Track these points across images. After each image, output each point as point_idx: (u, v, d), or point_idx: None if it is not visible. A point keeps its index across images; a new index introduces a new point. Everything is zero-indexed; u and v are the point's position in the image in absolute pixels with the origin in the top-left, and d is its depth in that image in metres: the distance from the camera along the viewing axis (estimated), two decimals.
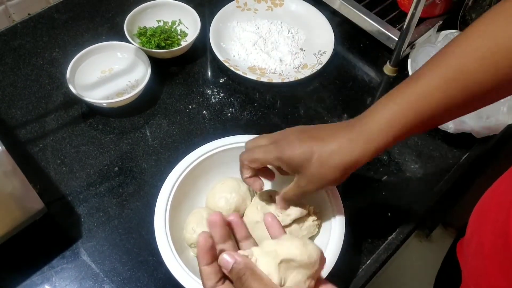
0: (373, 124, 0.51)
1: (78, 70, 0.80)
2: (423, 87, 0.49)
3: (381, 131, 0.51)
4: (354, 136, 0.52)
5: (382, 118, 0.51)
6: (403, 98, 0.50)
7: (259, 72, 0.86)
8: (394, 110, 0.50)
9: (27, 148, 0.75)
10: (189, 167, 0.67)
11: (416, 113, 0.50)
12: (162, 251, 0.59)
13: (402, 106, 0.50)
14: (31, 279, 0.63)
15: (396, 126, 0.50)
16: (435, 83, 0.49)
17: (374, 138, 0.51)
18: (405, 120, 0.50)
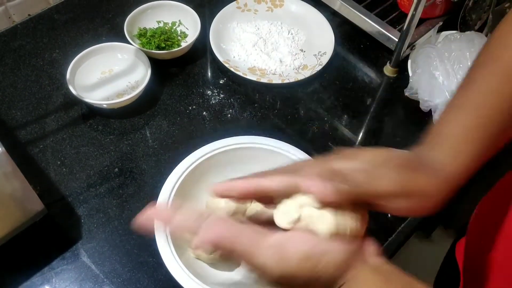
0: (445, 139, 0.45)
1: (78, 71, 0.80)
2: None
3: (457, 144, 0.44)
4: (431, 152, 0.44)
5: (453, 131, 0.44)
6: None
7: (259, 73, 0.86)
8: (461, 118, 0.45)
9: (27, 149, 0.75)
10: (189, 168, 0.67)
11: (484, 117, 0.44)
12: (162, 253, 0.59)
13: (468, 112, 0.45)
14: (31, 280, 0.63)
15: (471, 134, 0.44)
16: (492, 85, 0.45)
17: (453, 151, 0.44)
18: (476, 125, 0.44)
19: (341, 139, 0.80)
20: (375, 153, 0.42)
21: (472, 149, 0.43)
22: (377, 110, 0.84)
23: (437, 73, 0.76)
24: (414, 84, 0.79)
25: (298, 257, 0.38)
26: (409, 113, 0.83)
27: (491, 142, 0.44)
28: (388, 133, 0.82)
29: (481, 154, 0.44)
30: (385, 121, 0.83)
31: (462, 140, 0.43)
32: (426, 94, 0.77)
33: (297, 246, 0.38)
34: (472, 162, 0.43)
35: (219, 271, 0.63)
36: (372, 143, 0.80)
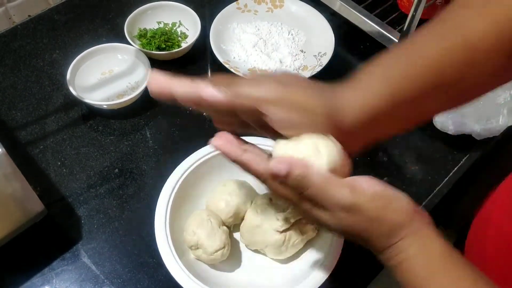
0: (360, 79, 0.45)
1: (78, 71, 0.80)
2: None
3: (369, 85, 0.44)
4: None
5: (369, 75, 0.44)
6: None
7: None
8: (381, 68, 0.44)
9: (27, 149, 0.75)
10: (189, 169, 0.67)
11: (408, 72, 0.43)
12: (163, 253, 0.59)
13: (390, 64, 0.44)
14: (31, 281, 0.63)
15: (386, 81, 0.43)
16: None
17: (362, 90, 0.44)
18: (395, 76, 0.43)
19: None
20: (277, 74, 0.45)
21: (381, 89, 0.42)
22: None
23: None
24: None
25: (371, 192, 0.40)
26: None
27: (406, 96, 0.42)
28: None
29: (395, 102, 0.42)
30: None
31: (375, 78, 0.43)
32: None
33: (370, 184, 0.40)
34: (380, 108, 0.42)
35: (219, 272, 0.63)
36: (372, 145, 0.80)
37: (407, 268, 0.40)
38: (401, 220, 0.40)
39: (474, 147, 0.78)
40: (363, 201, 0.40)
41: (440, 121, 0.76)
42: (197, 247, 0.62)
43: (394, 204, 0.40)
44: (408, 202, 0.41)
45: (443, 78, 0.42)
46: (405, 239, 0.40)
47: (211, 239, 0.62)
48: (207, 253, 0.62)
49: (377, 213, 0.40)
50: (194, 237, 0.62)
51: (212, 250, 0.62)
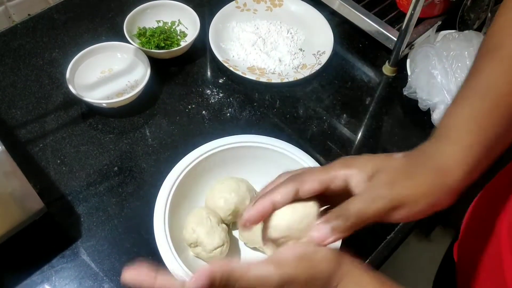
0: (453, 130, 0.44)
1: (78, 70, 0.80)
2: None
3: (465, 135, 0.43)
4: (439, 143, 0.44)
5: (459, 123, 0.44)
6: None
7: (258, 72, 0.86)
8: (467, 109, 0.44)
9: (27, 148, 0.75)
10: (188, 167, 0.67)
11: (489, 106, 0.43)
12: (162, 251, 0.60)
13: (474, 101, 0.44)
14: (31, 278, 0.63)
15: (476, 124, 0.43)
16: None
17: (460, 140, 0.43)
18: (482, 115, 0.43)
19: (340, 138, 0.80)
20: (372, 162, 0.43)
21: (480, 139, 0.42)
22: (376, 109, 0.85)
23: (436, 72, 0.76)
24: (413, 83, 0.79)
25: (293, 259, 0.40)
26: (407, 112, 0.83)
27: (501, 129, 0.43)
28: (387, 132, 0.82)
29: (487, 145, 0.42)
30: (384, 120, 0.83)
31: (465, 132, 0.42)
32: (424, 93, 0.77)
33: (290, 250, 0.41)
34: (477, 154, 0.42)
35: None
36: (371, 142, 0.81)
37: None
38: (330, 269, 0.40)
39: None
40: (290, 270, 0.40)
41: (438, 119, 0.76)
42: (196, 245, 0.63)
43: (318, 258, 0.41)
44: (329, 251, 0.41)
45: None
46: (340, 284, 0.40)
47: (210, 237, 0.62)
48: (207, 251, 0.62)
49: (307, 274, 0.40)
50: (194, 234, 0.62)
51: (212, 247, 0.62)
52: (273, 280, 0.39)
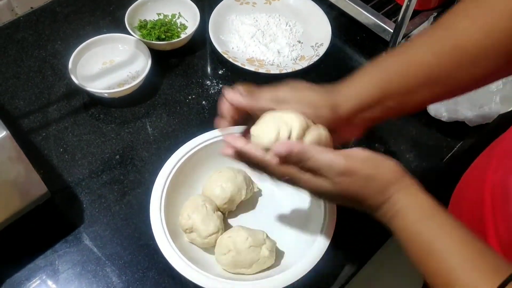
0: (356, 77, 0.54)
1: (80, 61, 0.81)
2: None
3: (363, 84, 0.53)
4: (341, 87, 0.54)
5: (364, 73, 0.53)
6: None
7: (257, 63, 0.87)
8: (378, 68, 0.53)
9: (30, 137, 0.76)
10: (186, 155, 0.68)
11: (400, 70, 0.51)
12: (156, 235, 0.61)
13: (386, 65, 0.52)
14: (34, 263, 0.65)
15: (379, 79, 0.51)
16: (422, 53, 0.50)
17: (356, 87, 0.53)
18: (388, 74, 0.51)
19: None
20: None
21: (372, 83, 0.51)
22: None
23: None
24: None
25: (362, 157, 0.46)
26: None
27: (395, 89, 0.50)
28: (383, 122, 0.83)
29: (380, 93, 0.50)
30: None
31: (369, 74, 0.52)
32: None
33: (360, 151, 0.47)
34: (366, 94, 0.51)
35: (212, 256, 0.65)
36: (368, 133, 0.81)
37: (401, 217, 0.44)
38: (391, 177, 0.46)
39: (467, 134, 0.80)
40: (356, 163, 0.45)
41: (433, 109, 0.77)
42: (191, 231, 0.64)
43: (383, 164, 0.46)
44: (396, 164, 0.47)
45: (430, 76, 0.49)
46: (397, 194, 0.45)
47: (205, 224, 0.63)
48: (201, 237, 0.63)
49: (369, 172, 0.45)
50: (189, 221, 0.64)
51: (206, 234, 0.63)
52: (339, 167, 0.45)
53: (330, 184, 0.46)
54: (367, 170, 0.45)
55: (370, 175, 0.45)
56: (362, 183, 0.45)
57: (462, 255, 0.41)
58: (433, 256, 0.42)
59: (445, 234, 0.42)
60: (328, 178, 0.46)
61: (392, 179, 0.45)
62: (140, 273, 0.65)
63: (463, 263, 0.41)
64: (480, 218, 0.51)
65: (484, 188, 0.52)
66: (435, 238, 0.42)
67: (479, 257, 0.41)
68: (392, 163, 0.47)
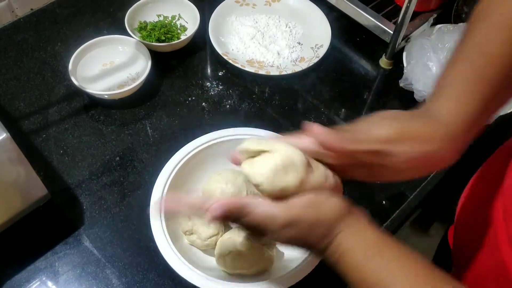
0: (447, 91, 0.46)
1: (80, 63, 0.81)
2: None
3: (459, 96, 0.44)
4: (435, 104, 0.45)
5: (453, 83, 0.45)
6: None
7: (257, 65, 0.87)
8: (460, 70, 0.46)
9: (30, 138, 0.76)
10: (186, 157, 0.68)
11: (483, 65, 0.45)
12: (156, 237, 0.61)
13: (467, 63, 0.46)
14: (34, 264, 0.65)
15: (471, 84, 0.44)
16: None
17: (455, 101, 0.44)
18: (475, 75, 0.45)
19: None
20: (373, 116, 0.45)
21: (473, 98, 0.44)
22: (373, 101, 0.86)
23: (431, 63, 0.77)
24: (409, 75, 0.81)
25: (301, 204, 0.42)
26: (404, 103, 0.85)
27: (492, 89, 0.44)
28: None
29: (483, 102, 0.44)
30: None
31: (462, 90, 0.44)
32: (420, 85, 0.78)
33: (301, 196, 0.43)
34: (474, 110, 0.43)
35: (212, 258, 0.65)
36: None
37: (346, 259, 0.42)
38: (335, 217, 0.43)
39: None
40: (297, 213, 0.42)
41: None
42: (191, 233, 0.64)
43: (326, 205, 0.43)
44: (339, 201, 0.43)
45: (509, 74, 0.44)
46: (340, 234, 0.42)
47: (205, 226, 0.63)
48: (201, 239, 0.63)
49: (312, 218, 0.43)
50: (189, 222, 0.64)
51: (206, 236, 0.63)
52: (279, 220, 0.42)
53: (275, 237, 0.44)
54: (310, 217, 0.43)
55: (313, 222, 0.43)
56: (307, 230, 0.43)
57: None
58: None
59: (390, 272, 0.41)
60: (271, 233, 0.43)
61: (335, 219, 0.43)
62: (140, 275, 0.65)
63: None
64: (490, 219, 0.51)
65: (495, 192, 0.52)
66: (381, 277, 0.40)
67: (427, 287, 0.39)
68: (334, 203, 0.43)
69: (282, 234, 0.43)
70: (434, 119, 0.43)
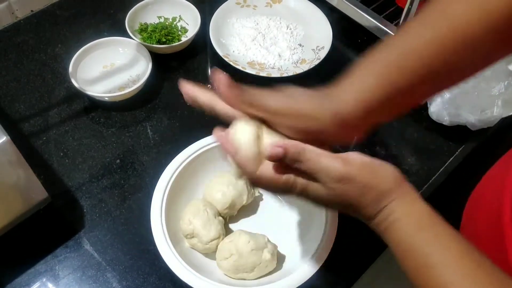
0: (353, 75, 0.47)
1: (80, 65, 0.81)
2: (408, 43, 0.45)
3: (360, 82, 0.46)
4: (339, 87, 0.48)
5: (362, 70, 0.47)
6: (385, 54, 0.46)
7: (258, 67, 0.87)
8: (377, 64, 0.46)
9: (30, 141, 0.76)
10: (187, 160, 0.68)
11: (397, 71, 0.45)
12: (157, 241, 0.61)
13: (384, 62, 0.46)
14: (35, 268, 0.65)
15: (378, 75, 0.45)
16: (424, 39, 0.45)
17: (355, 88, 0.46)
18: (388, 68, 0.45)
19: None
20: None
21: (374, 83, 0.45)
22: None
23: None
24: None
25: (360, 163, 0.44)
26: None
27: (407, 81, 0.44)
28: (385, 125, 0.83)
29: (384, 93, 0.45)
30: None
31: (369, 72, 0.46)
32: None
33: (359, 155, 0.45)
34: (378, 100, 0.45)
35: (213, 261, 0.65)
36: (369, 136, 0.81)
37: (396, 228, 0.43)
38: (389, 185, 0.44)
39: (469, 138, 0.80)
40: (354, 170, 0.43)
41: (435, 113, 0.77)
42: (192, 236, 0.64)
43: (381, 171, 0.44)
44: (394, 170, 0.45)
45: (431, 67, 0.44)
46: (393, 202, 0.43)
47: (206, 229, 0.63)
48: (202, 242, 0.63)
49: (366, 180, 0.44)
50: (190, 226, 0.63)
51: (207, 239, 0.63)
52: (335, 173, 0.43)
53: (325, 190, 0.45)
54: (365, 178, 0.44)
55: (367, 184, 0.44)
56: (359, 191, 0.44)
57: (461, 269, 0.39)
58: (430, 271, 0.40)
59: (442, 247, 0.41)
60: (324, 184, 0.44)
61: (389, 188, 0.44)
62: (140, 278, 0.64)
63: (462, 278, 0.39)
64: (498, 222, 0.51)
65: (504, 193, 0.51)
66: (432, 251, 0.41)
67: (479, 271, 0.39)
68: (390, 169, 0.45)
69: (334, 188, 0.44)
70: (328, 102, 0.46)
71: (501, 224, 0.50)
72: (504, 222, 0.50)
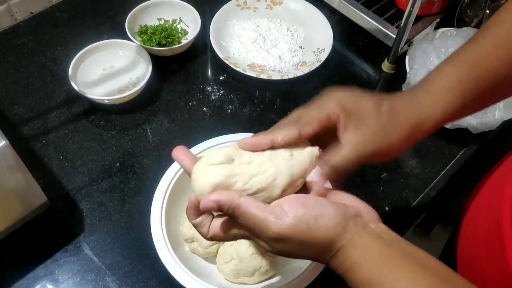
0: (435, 86, 0.48)
1: (80, 67, 0.81)
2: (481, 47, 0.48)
3: (445, 93, 0.46)
4: (420, 95, 0.47)
5: (443, 81, 0.47)
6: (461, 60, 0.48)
7: (259, 69, 0.87)
8: (453, 72, 0.47)
9: (29, 144, 0.76)
10: None
11: (475, 76, 0.47)
12: (157, 245, 0.60)
13: (461, 69, 0.47)
14: (34, 272, 0.64)
15: (459, 88, 0.46)
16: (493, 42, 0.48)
17: (440, 98, 0.46)
18: (466, 81, 0.47)
19: None
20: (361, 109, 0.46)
21: (454, 100, 0.46)
22: None
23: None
24: (412, 80, 0.80)
25: (292, 219, 0.40)
26: None
27: (476, 98, 0.47)
28: None
29: (461, 107, 0.47)
30: None
31: (448, 90, 0.46)
32: None
33: (292, 207, 0.41)
34: (450, 112, 0.46)
35: (213, 265, 0.64)
36: None
37: (352, 275, 0.40)
38: (329, 236, 0.40)
39: (470, 141, 0.79)
40: (285, 230, 0.40)
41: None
42: (192, 240, 0.63)
43: (319, 223, 0.40)
44: (334, 216, 0.41)
45: (496, 83, 0.47)
46: (343, 250, 0.40)
47: None
48: (203, 247, 0.63)
49: (302, 238, 0.40)
50: (191, 230, 0.63)
51: (208, 244, 0.63)
52: (269, 232, 0.40)
53: (266, 245, 0.42)
54: (299, 237, 0.40)
55: (303, 241, 0.40)
56: (297, 248, 0.41)
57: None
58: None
59: (408, 284, 0.38)
60: (262, 240, 0.42)
61: (329, 239, 0.40)
62: (140, 283, 0.64)
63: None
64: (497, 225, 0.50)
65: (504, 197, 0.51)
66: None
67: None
68: (327, 218, 0.40)
69: (273, 246, 0.41)
70: (410, 121, 0.46)
71: (501, 227, 0.50)
72: (504, 226, 0.50)
